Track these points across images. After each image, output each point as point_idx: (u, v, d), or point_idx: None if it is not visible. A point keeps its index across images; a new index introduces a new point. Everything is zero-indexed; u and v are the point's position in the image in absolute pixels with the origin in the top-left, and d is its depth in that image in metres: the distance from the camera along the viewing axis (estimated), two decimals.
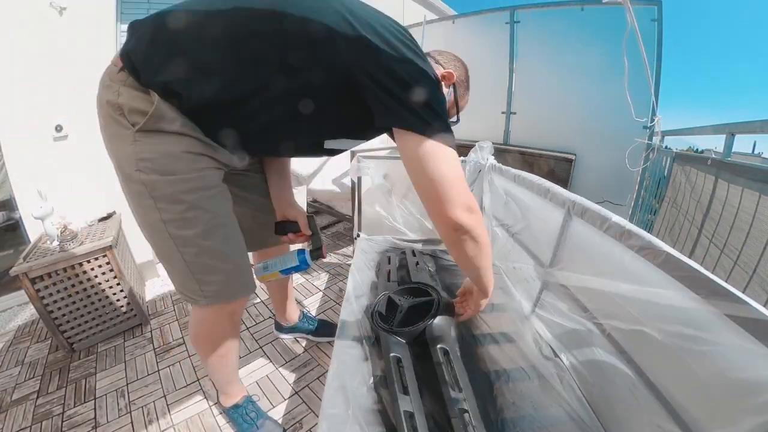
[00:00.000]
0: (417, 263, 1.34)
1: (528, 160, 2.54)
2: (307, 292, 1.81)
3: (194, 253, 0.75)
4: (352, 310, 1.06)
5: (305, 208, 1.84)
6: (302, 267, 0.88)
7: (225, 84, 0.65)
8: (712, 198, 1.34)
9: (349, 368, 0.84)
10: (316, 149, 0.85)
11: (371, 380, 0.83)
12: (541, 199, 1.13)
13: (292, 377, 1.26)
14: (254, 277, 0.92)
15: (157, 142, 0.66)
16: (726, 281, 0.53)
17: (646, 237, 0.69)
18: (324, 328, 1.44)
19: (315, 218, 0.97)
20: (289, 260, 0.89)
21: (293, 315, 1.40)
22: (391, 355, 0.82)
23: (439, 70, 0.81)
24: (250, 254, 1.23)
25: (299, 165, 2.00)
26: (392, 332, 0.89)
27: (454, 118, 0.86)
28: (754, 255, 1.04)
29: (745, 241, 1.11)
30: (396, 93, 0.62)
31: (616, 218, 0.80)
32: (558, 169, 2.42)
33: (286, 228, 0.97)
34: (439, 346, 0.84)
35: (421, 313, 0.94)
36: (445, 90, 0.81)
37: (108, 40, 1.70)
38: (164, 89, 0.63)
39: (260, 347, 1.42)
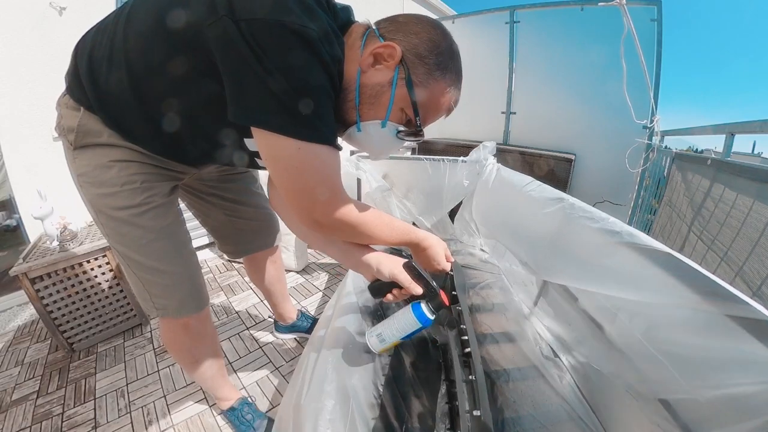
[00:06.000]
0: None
1: (528, 160, 2.54)
2: (307, 292, 1.81)
3: (135, 266, 0.76)
4: (350, 309, 1.06)
5: None
6: (427, 325, 0.69)
7: (139, 94, 0.62)
8: (711, 197, 1.34)
9: (347, 367, 0.84)
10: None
11: (370, 380, 0.83)
12: (539, 200, 1.13)
13: (291, 377, 1.26)
14: (203, 297, 0.87)
15: (89, 156, 0.68)
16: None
17: (645, 238, 0.69)
18: None
19: (414, 262, 0.71)
20: (407, 324, 0.70)
21: (291, 313, 1.40)
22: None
23: (372, 45, 0.56)
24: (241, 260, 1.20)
25: None
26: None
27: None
28: (753, 254, 1.05)
29: (734, 238, 1.11)
30: None
31: (613, 219, 0.80)
32: (558, 169, 2.42)
33: (383, 288, 0.72)
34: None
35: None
36: (382, 76, 0.56)
37: None
38: (89, 105, 0.65)
39: (260, 347, 1.42)
